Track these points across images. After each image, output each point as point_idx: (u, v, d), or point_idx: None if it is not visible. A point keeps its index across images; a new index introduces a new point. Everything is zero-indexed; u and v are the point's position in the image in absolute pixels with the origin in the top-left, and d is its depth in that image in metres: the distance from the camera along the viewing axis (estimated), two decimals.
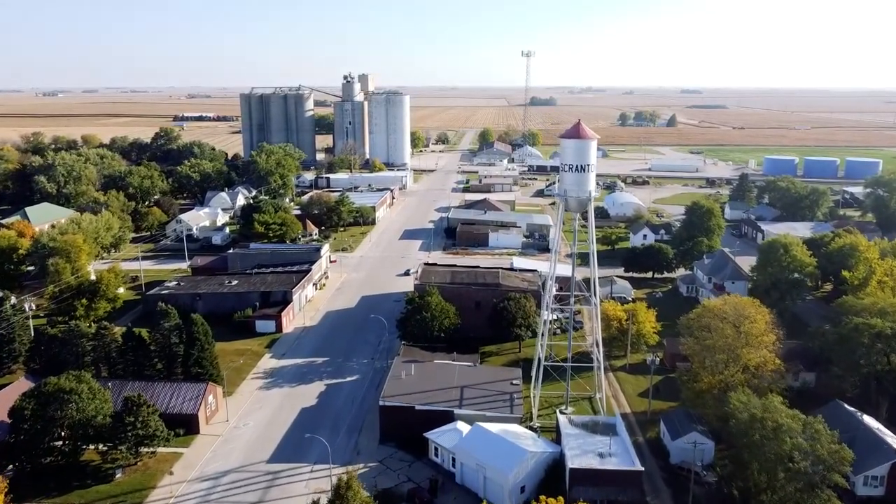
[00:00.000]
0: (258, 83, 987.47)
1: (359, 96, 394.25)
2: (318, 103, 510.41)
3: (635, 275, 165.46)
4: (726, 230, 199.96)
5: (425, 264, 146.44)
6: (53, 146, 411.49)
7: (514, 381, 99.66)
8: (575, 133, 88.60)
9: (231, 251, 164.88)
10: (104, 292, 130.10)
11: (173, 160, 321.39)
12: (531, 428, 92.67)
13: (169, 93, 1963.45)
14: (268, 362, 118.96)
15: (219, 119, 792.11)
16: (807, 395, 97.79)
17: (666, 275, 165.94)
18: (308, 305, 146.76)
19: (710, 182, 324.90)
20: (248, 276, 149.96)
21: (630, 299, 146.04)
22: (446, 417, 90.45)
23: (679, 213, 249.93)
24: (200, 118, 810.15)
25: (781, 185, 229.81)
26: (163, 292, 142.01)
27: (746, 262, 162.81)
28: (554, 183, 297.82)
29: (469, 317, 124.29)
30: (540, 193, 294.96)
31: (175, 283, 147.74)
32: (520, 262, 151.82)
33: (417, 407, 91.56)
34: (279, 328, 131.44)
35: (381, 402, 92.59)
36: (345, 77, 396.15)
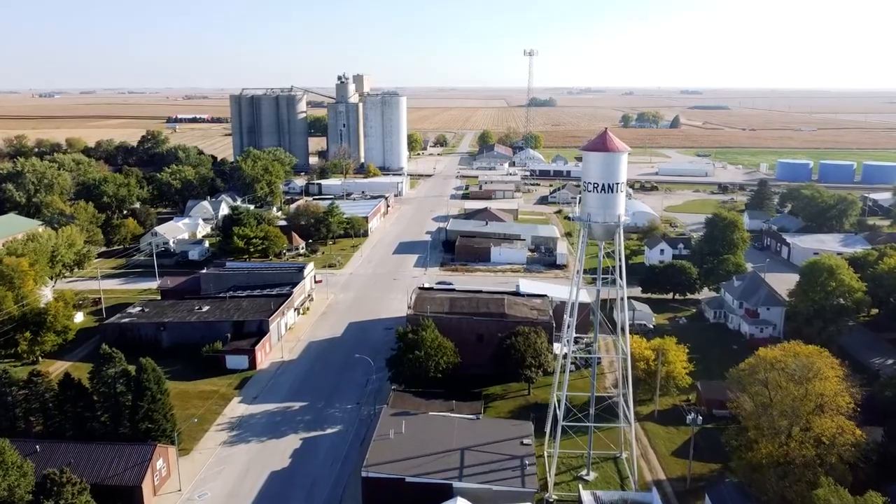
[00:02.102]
0: (259, 84, 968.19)
1: (353, 97, 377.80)
2: (316, 104, 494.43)
3: (653, 296, 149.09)
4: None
5: (420, 289, 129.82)
6: (37, 150, 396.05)
7: (525, 441, 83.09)
8: (601, 145, 72.15)
9: (204, 271, 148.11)
10: (51, 324, 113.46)
11: (158, 165, 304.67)
12: (547, 503, 76.36)
13: (166, 94, 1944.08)
14: (236, 408, 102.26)
15: (213, 121, 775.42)
16: (877, 456, 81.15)
17: (688, 296, 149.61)
18: (288, 334, 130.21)
19: (723, 188, 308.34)
20: (221, 301, 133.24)
21: (651, 327, 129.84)
22: (444, 492, 73.87)
23: (693, 222, 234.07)
24: (194, 120, 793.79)
25: (805, 193, 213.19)
26: (123, 321, 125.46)
27: (777, 281, 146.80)
28: (559, 189, 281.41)
29: (470, 352, 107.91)
30: (544, 200, 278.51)
31: (139, 309, 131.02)
32: (526, 284, 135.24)
33: (408, 479, 75.02)
34: (252, 364, 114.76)
35: (363, 473, 75.98)
36: (339, 77, 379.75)
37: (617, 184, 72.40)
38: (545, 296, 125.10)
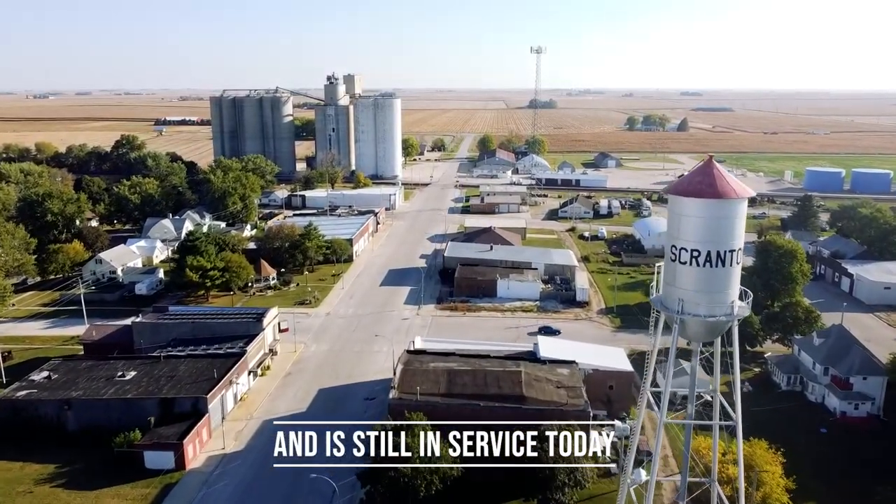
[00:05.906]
0: (259, 85, 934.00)
1: (343, 99, 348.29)
2: (312, 107, 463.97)
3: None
4: None
5: (408, 352, 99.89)
6: (5, 155, 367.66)
7: None
8: (707, 187, 42.48)
9: (137, 319, 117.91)
10: None
11: (128, 174, 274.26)
12: None
13: (162, 95, 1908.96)
14: None
15: (202, 123, 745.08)
16: None
17: (747, 349, 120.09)
18: (238, 407, 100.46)
19: (751, 199, 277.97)
20: (153, 365, 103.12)
21: (709, 398, 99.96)
22: None
23: None
24: (183, 122, 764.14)
25: (863, 212, 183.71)
26: (19, 394, 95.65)
27: (846, 324, 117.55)
28: (571, 202, 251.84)
29: None
30: (553, 215, 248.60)
31: (44, 375, 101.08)
32: (547, 345, 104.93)
33: None
34: (181, 462, 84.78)
35: None
36: (328, 78, 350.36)
37: (732, 252, 42.99)
38: (573, 363, 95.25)
